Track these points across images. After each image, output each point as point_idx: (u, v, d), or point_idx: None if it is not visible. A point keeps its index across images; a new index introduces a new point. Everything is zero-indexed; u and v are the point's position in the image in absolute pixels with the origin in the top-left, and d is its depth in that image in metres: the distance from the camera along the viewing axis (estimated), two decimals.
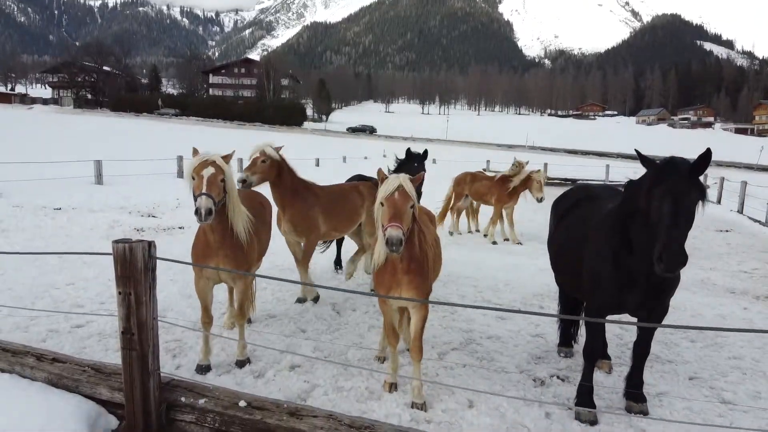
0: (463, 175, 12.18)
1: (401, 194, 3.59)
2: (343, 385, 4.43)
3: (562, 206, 5.18)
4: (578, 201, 4.96)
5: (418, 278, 3.94)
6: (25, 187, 14.14)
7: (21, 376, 4.40)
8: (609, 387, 4.57)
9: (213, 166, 4.34)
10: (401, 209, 3.56)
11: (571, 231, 4.68)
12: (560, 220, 5.05)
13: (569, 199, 5.17)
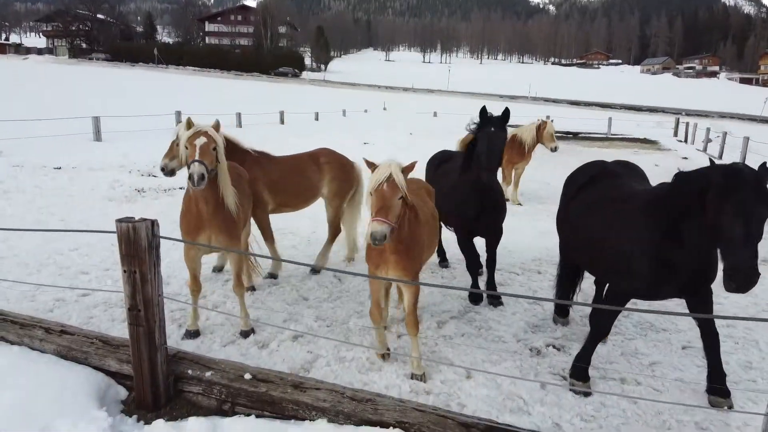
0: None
1: (390, 186, 3.57)
2: (345, 356, 4.56)
3: (577, 182, 5.02)
4: (594, 177, 4.81)
5: (405, 259, 4.00)
6: (24, 145, 14.08)
7: (30, 348, 4.52)
8: (603, 356, 4.69)
9: (205, 136, 4.49)
10: (389, 202, 3.56)
11: (592, 209, 4.51)
12: (574, 196, 4.88)
13: (584, 174, 5.01)
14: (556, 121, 34.95)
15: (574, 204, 4.83)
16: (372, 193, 3.61)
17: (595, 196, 4.59)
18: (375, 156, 14.27)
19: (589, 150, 24.29)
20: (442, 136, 27.51)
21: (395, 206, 3.58)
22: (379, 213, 3.52)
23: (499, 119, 5.12)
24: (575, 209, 4.79)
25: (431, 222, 4.51)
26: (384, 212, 3.53)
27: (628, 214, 4.06)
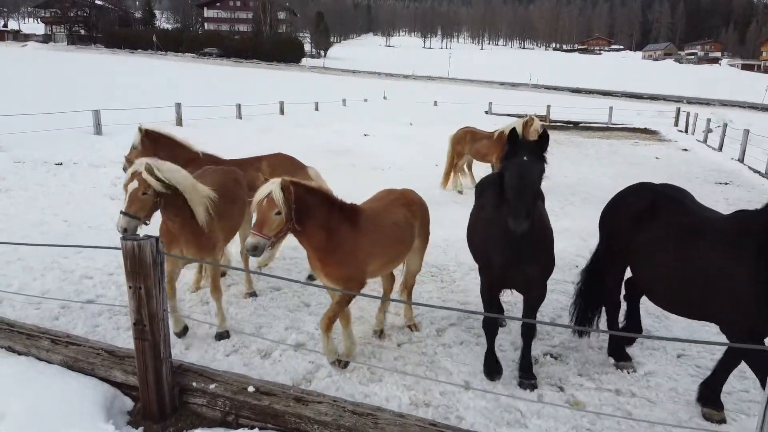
0: (461, 132, 12.00)
1: (268, 202, 3.85)
2: (347, 364, 4.64)
3: (630, 210, 4.58)
4: (654, 205, 4.44)
5: (328, 265, 4.28)
6: (24, 140, 14.09)
7: (38, 358, 4.61)
8: (598, 366, 4.78)
9: (138, 179, 4.34)
10: (264, 217, 3.85)
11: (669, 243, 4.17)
12: (636, 227, 4.45)
13: (638, 201, 4.58)
14: (556, 111, 35.03)
15: (641, 237, 4.40)
16: (253, 208, 3.92)
17: (666, 228, 4.25)
18: (375, 147, 14.29)
19: (589, 141, 24.29)
20: (442, 126, 27.48)
21: (271, 221, 3.86)
22: (255, 227, 3.87)
23: (534, 146, 3.89)
24: (643, 243, 4.37)
25: (389, 231, 4.57)
26: (258, 226, 3.86)
27: (722, 247, 3.86)
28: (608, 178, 14.48)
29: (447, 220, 9.49)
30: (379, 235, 4.49)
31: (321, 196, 4.21)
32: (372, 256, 4.44)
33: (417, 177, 13.27)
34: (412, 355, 4.87)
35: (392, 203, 4.84)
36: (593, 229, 9.16)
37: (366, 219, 4.45)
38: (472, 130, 12.06)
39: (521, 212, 3.67)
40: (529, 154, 3.81)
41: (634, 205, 4.58)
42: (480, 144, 11.56)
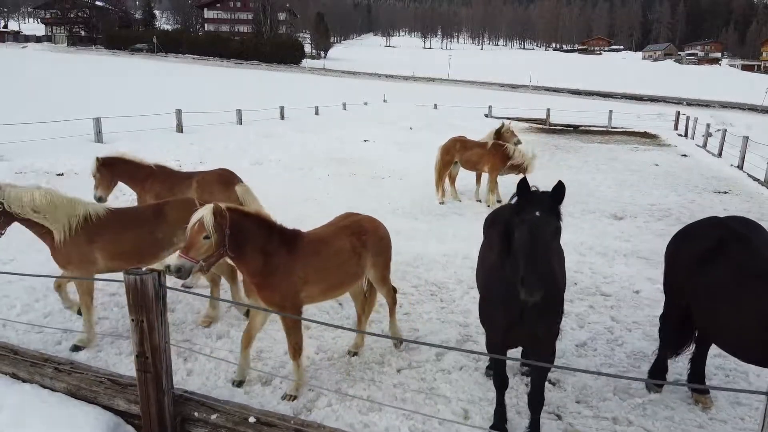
0: (451, 142, 11.96)
1: (198, 226, 3.95)
2: (347, 392, 4.70)
3: (697, 246, 4.36)
4: (723, 244, 4.19)
5: (263, 289, 4.38)
6: (25, 148, 14.14)
7: (41, 385, 4.66)
8: (596, 392, 4.83)
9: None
10: (193, 240, 3.96)
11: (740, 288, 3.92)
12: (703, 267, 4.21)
13: (705, 239, 4.34)
14: (556, 114, 34.98)
15: (704, 279, 4.16)
16: (187, 232, 4.01)
17: (732, 272, 4.01)
18: (375, 154, 14.31)
19: (588, 146, 24.33)
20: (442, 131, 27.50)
21: (199, 245, 3.95)
22: (183, 249, 3.96)
23: (549, 198, 3.47)
24: (707, 286, 4.14)
25: (330, 258, 4.60)
26: (186, 249, 3.96)
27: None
28: (607, 187, 14.53)
29: (448, 234, 9.54)
30: (317, 262, 4.53)
31: (258, 221, 4.31)
32: (308, 282, 4.50)
33: (416, 187, 13.33)
34: (411, 381, 4.91)
35: (341, 230, 4.84)
36: (592, 242, 9.31)
37: (305, 245, 4.52)
38: (461, 140, 12.05)
39: (534, 281, 3.17)
40: (542, 209, 3.37)
41: (699, 243, 4.34)
42: (472, 153, 11.56)
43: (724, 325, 4.03)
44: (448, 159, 11.72)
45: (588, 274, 7.83)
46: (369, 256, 4.88)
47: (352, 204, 11.35)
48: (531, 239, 3.28)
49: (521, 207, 3.44)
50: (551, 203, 3.44)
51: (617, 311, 6.62)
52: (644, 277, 7.80)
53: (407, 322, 6.12)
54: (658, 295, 7.11)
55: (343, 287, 4.86)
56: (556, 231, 3.43)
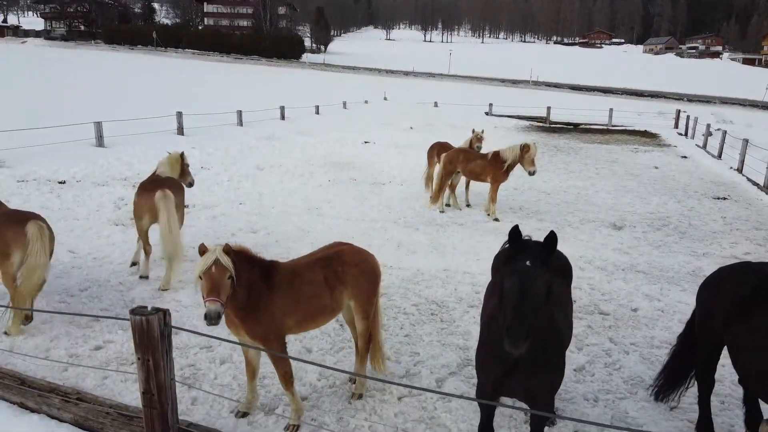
0: (454, 153, 11.97)
1: (218, 268, 3.95)
2: (349, 422, 4.78)
3: (729, 295, 4.28)
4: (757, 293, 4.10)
5: (247, 323, 4.38)
6: (26, 155, 14.22)
7: (49, 415, 4.75)
8: (594, 420, 4.92)
9: None
10: (218, 282, 3.95)
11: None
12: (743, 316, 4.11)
13: (740, 285, 4.25)
14: (556, 112, 34.94)
15: (740, 326, 4.10)
16: (201, 276, 3.96)
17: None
18: (375, 158, 14.43)
19: (588, 147, 24.38)
20: (442, 131, 27.55)
21: (225, 285, 3.97)
22: (211, 293, 3.91)
23: (540, 249, 3.36)
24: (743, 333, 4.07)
25: (304, 290, 4.62)
26: (215, 292, 3.92)
27: None
28: (606, 193, 14.60)
29: (448, 246, 9.61)
30: (293, 292, 4.57)
31: (246, 257, 4.34)
32: (287, 313, 4.56)
33: (416, 194, 13.39)
34: (412, 410, 5.00)
35: (316, 262, 4.81)
36: (591, 256, 9.39)
37: (281, 276, 4.55)
38: (464, 150, 12.08)
39: (518, 333, 3.08)
40: (533, 259, 3.26)
41: (734, 289, 4.24)
42: (474, 164, 11.59)
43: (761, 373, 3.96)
44: (450, 169, 11.77)
45: (587, 291, 7.90)
46: (346, 289, 4.80)
47: (353, 214, 11.47)
48: (519, 290, 3.18)
49: (512, 256, 3.35)
50: (543, 255, 3.33)
51: (615, 332, 6.70)
52: (642, 293, 7.87)
53: (408, 344, 6.19)
54: (655, 314, 7.25)
55: (319, 319, 4.83)
56: (547, 284, 3.27)
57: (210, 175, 14.56)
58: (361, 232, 10.08)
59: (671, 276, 8.66)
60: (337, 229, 10.30)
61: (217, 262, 3.98)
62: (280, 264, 4.71)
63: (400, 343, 6.22)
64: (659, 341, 6.48)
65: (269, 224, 10.37)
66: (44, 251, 6.08)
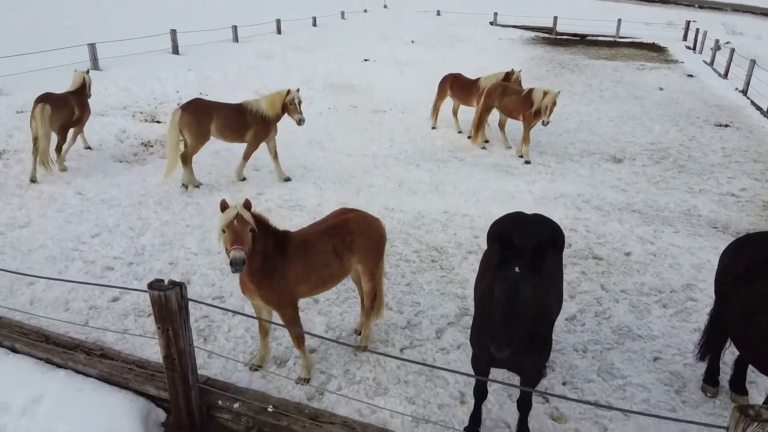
0: (493, 86, 11.59)
1: (239, 221, 4.22)
2: (354, 374, 5.16)
3: (741, 261, 4.45)
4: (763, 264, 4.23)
5: (260, 289, 4.65)
6: (23, 81, 14.02)
7: (75, 371, 5.11)
8: (582, 372, 5.30)
9: None
10: (241, 234, 4.21)
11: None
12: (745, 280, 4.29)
13: (754, 254, 4.39)
14: (563, 22, 33.71)
15: (747, 293, 4.24)
16: (224, 229, 4.24)
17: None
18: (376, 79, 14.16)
19: (594, 64, 23.85)
20: (445, 44, 26.84)
21: (247, 237, 4.25)
22: (235, 242, 4.19)
23: (532, 253, 3.37)
24: (746, 302, 4.22)
25: (315, 258, 4.85)
26: (240, 242, 4.20)
27: None
28: (609, 120, 14.54)
29: (448, 184, 9.75)
30: (305, 262, 4.81)
31: (263, 224, 4.55)
32: (299, 281, 4.82)
33: (417, 124, 13.35)
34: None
35: (324, 232, 5.00)
36: (589, 195, 9.57)
37: (294, 246, 4.78)
38: (503, 84, 11.63)
39: (502, 340, 3.24)
40: (523, 266, 3.31)
41: (748, 256, 4.45)
42: (509, 99, 11.22)
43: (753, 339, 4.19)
44: (489, 103, 11.43)
45: (582, 234, 8.14)
46: (354, 255, 5.04)
47: (354, 148, 11.52)
48: (507, 298, 3.29)
49: (502, 262, 3.40)
50: (534, 260, 3.37)
51: (607, 278, 7.00)
52: (636, 236, 8.12)
53: (409, 294, 6.50)
54: (647, 259, 7.52)
55: (329, 284, 5.11)
56: (538, 292, 3.39)
57: None
58: (362, 170, 10.18)
59: (666, 216, 8.87)
60: (339, 165, 10.40)
61: (239, 216, 4.24)
62: (293, 234, 4.91)
63: (402, 293, 6.52)
64: (648, 288, 6.80)
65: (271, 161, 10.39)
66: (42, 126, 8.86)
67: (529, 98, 10.87)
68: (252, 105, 8.93)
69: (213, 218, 8.04)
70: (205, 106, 8.88)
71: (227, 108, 8.96)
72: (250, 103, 8.98)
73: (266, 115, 8.87)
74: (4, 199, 8.41)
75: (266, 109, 8.85)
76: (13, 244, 7.21)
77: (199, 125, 8.68)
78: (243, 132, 8.95)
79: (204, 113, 8.73)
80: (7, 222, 7.76)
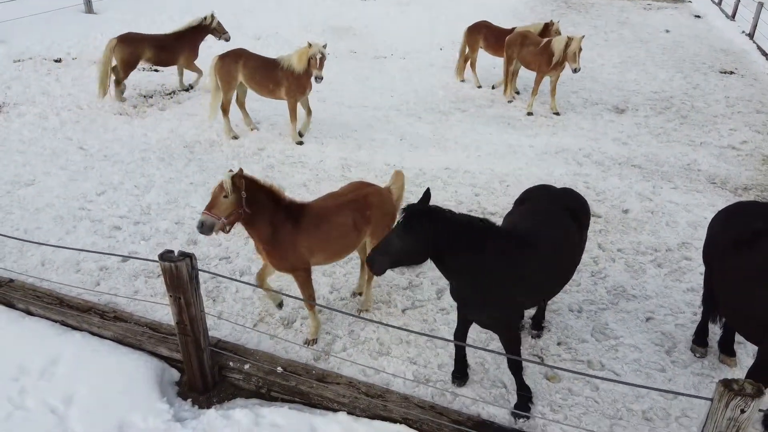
0: (514, 36, 11.28)
1: (219, 187, 4.52)
2: (359, 335, 5.39)
3: (730, 233, 4.54)
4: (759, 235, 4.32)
5: (270, 257, 4.94)
6: (18, 27, 13.80)
7: (90, 333, 5.32)
8: (576, 333, 5.52)
9: None
10: (214, 200, 4.53)
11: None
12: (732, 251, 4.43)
13: (744, 225, 4.48)
14: None
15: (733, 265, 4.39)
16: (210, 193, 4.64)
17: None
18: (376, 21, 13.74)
19: (600, 1, 23.18)
20: None
21: (219, 203, 4.51)
22: (207, 207, 4.54)
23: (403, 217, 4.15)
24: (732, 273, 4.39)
25: (333, 231, 5.02)
26: (209, 207, 4.52)
27: None
28: (613, 67, 14.32)
29: (450, 138, 9.75)
30: (321, 234, 4.97)
31: (269, 194, 4.76)
32: (313, 251, 5.02)
33: (419, 71, 13.18)
34: (414, 323, 5.58)
35: (345, 205, 5.11)
36: (590, 149, 9.61)
37: (310, 218, 4.94)
38: (523, 33, 11.31)
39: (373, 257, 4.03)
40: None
41: (736, 227, 4.55)
42: (527, 51, 10.96)
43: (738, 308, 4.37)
44: (510, 54, 11.18)
45: (582, 190, 8.17)
46: (370, 227, 5.20)
47: (355, 99, 11.43)
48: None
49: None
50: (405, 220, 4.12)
51: (604, 237, 7.15)
52: (635, 192, 8.21)
53: None
54: (645, 216, 7.65)
55: (344, 254, 5.32)
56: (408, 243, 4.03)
57: (206, 49, 14.12)
58: (365, 123, 10.14)
59: (665, 171, 8.93)
60: (341, 118, 10.35)
61: (220, 184, 4.51)
62: (309, 205, 5.04)
63: None
64: (645, 247, 6.95)
65: (271, 114, 10.34)
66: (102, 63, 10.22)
67: (547, 50, 10.60)
68: (284, 60, 8.89)
69: (216, 175, 8.13)
70: (236, 55, 8.99)
71: (260, 60, 9.06)
72: (283, 59, 8.93)
73: (296, 71, 8.77)
74: (8, 156, 8.45)
75: (296, 65, 8.79)
76: (20, 203, 7.31)
77: (228, 72, 8.91)
78: (274, 88, 8.95)
79: (233, 61, 8.91)
80: (13, 180, 7.83)
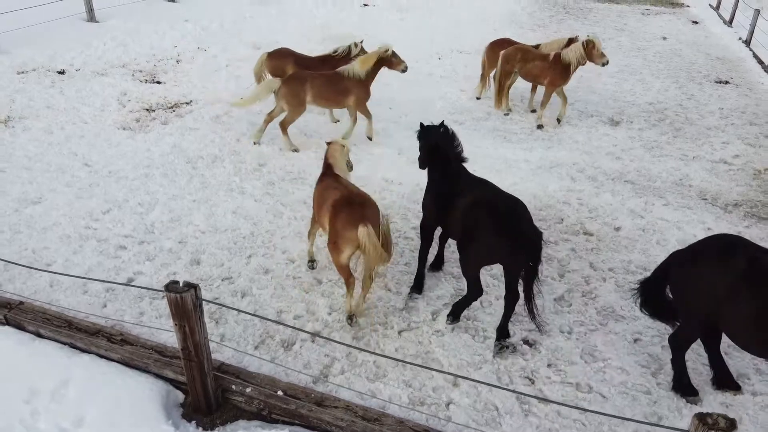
0: (512, 51, 11.40)
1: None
2: (356, 358, 5.59)
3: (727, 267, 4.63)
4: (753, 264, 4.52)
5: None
6: (21, 37, 13.93)
7: (98, 355, 5.53)
8: (566, 355, 5.73)
9: None
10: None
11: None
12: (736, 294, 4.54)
13: (733, 256, 4.65)
14: None
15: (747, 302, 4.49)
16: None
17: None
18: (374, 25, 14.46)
19: (599, 7, 23.36)
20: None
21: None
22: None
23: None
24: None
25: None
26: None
27: None
28: (609, 77, 14.50)
29: None
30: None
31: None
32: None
33: (419, 78, 13.36)
34: (410, 345, 5.79)
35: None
36: (584, 163, 9.81)
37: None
38: (523, 48, 11.48)
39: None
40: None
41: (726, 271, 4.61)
42: (533, 65, 11.13)
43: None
44: (508, 68, 11.33)
45: (575, 207, 8.41)
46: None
47: None
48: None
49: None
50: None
51: (596, 255, 7.34)
52: (627, 209, 8.40)
53: (407, 274, 6.86)
54: (636, 234, 7.85)
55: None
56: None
57: (208, 59, 14.34)
58: (363, 137, 10.31)
59: (657, 186, 9.13)
60: (340, 132, 10.52)
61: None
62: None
63: (400, 272, 6.89)
64: (635, 266, 7.15)
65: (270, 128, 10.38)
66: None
67: (559, 62, 10.80)
68: (348, 71, 9.49)
69: (218, 192, 8.33)
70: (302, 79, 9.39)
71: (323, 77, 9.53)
72: (346, 69, 9.52)
73: (362, 78, 9.54)
74: (15, 172, 8.63)
75: (360, 71, 9.47)
76: (28, 222, 7.50)
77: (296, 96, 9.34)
78: (342, 99, 9.61)
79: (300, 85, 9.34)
80: (20, 197, 8.02)
